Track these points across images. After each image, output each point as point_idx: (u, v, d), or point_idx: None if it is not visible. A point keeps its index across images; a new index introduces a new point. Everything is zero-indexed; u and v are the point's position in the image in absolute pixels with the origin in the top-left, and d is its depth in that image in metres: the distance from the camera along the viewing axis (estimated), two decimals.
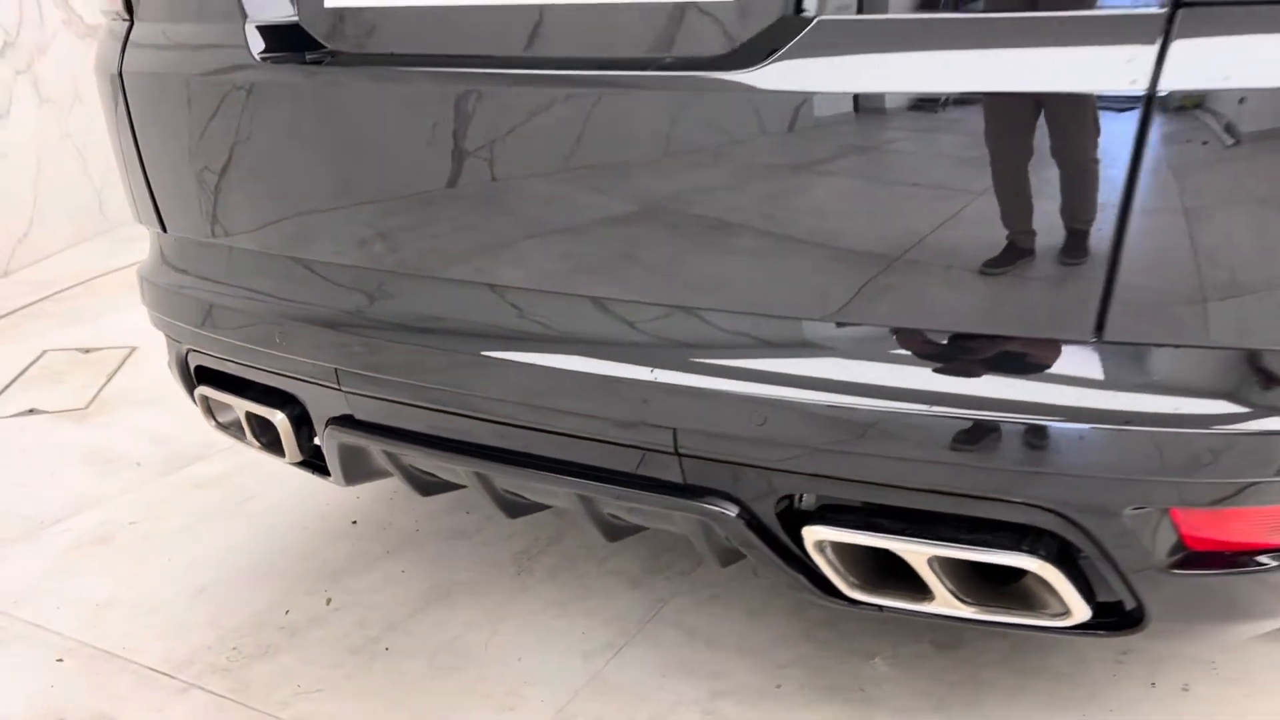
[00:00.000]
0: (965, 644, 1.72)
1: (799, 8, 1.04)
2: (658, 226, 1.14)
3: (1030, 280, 1.00)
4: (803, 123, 1.05)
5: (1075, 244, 0.98)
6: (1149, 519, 1.07)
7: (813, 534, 1.16)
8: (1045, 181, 0.98)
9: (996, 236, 1.00)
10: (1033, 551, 1.09)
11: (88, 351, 3.21)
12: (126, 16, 1.53)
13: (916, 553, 1.12)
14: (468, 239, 1.25)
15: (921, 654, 1.71)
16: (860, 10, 1.02)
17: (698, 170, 1.11)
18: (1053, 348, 1.03)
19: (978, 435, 1.06)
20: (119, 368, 3.04)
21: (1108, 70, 0.94)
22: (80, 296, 3.77)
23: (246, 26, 1.36)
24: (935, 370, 1.07)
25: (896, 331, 1.08)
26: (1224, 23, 0.92)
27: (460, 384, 1.29)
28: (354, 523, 2.16)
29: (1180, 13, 0.92)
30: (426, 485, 1.51)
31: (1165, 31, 0.93)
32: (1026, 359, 1.04)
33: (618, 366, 1.18)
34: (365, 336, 1.34)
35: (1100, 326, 1.01)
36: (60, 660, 1.76)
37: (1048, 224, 0.99)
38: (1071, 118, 0.97)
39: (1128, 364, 1.02)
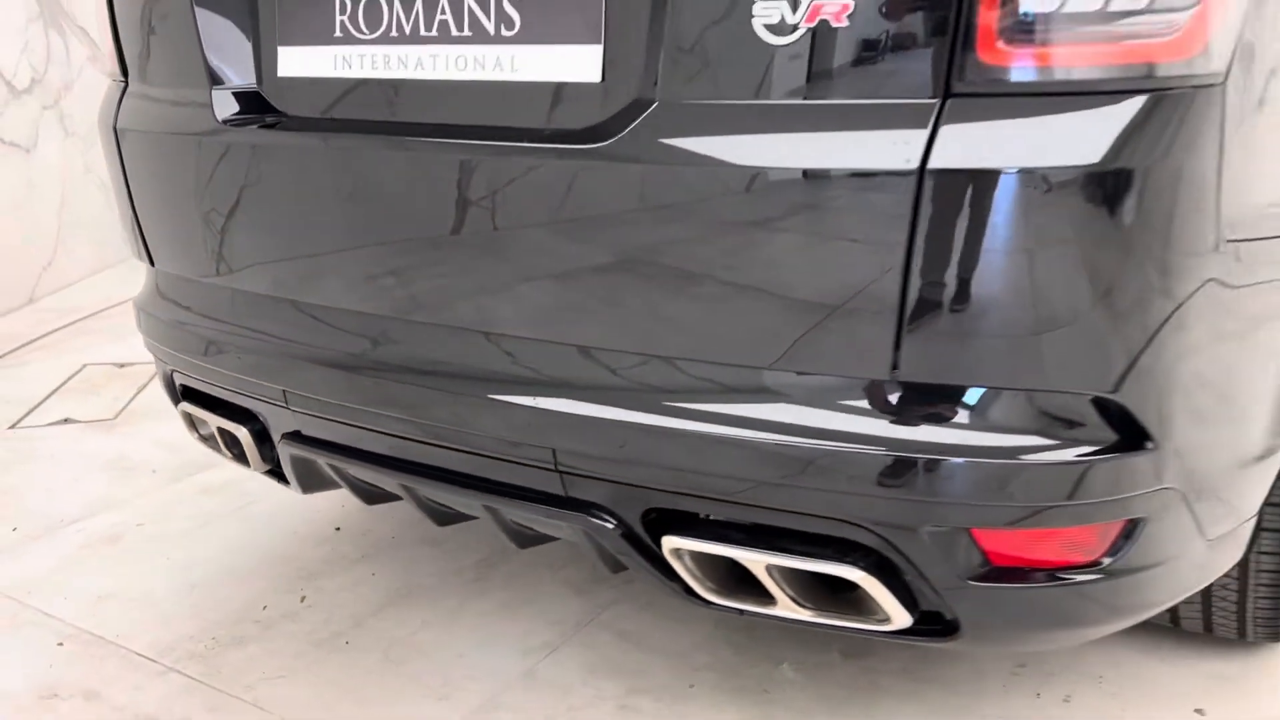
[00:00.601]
0: (871, 654, 1.86)
1: (646, 93, 1.22)
2: (532, 272, 1.32)
3: (833, 327, 1.16)
4: (648, 187, 1.22)
5: (868, 295, 1.14)
6: (950, 537, 1.21)
7: (669, 543, 1.32)
8: (838, 244, 1.14)
9: (806, 289, 1.17)
10: (853, 563, 1.24)
11: (123, 366, 3.47)
12: (121, 78, 1.75)
13: (755, 561, 1.28)
14: (387, 280, 1.44)
15: (828, 662, 1.85)
16: (692, 98, 1.19)
17: (569, 226, 1.29)
18: (855, 385, 1.19)
19: (797, 460, 1.22)
20: (148, 382, 3.29)
21: (888, 150, 1.10)
22: (121, 315, 4.04)
23: (214, 92, 1.57)
24: (762, 402, 1.23)
25: (727, 367, 1.24)
26: (986, 111, 1.08)
27: (383, 406, 1.48)
28: (337, 529, 2.36)
29: (949, 102, 1.08)
30: (369, 495, 1.70)
31: (936, 118, 1.09)
32: (835, 395, 1.20)
33: (504, 392, 1.36)
34: (306, 362, 1.54)
35: (895, 366, 1.16)
36: (60, 644, 1.98)
37: (844, 279, 1.15)
38: (860, 190, 1.13)
39: (920, 400, 1.17)
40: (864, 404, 1.18)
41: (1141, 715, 1.71)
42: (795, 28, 1.12)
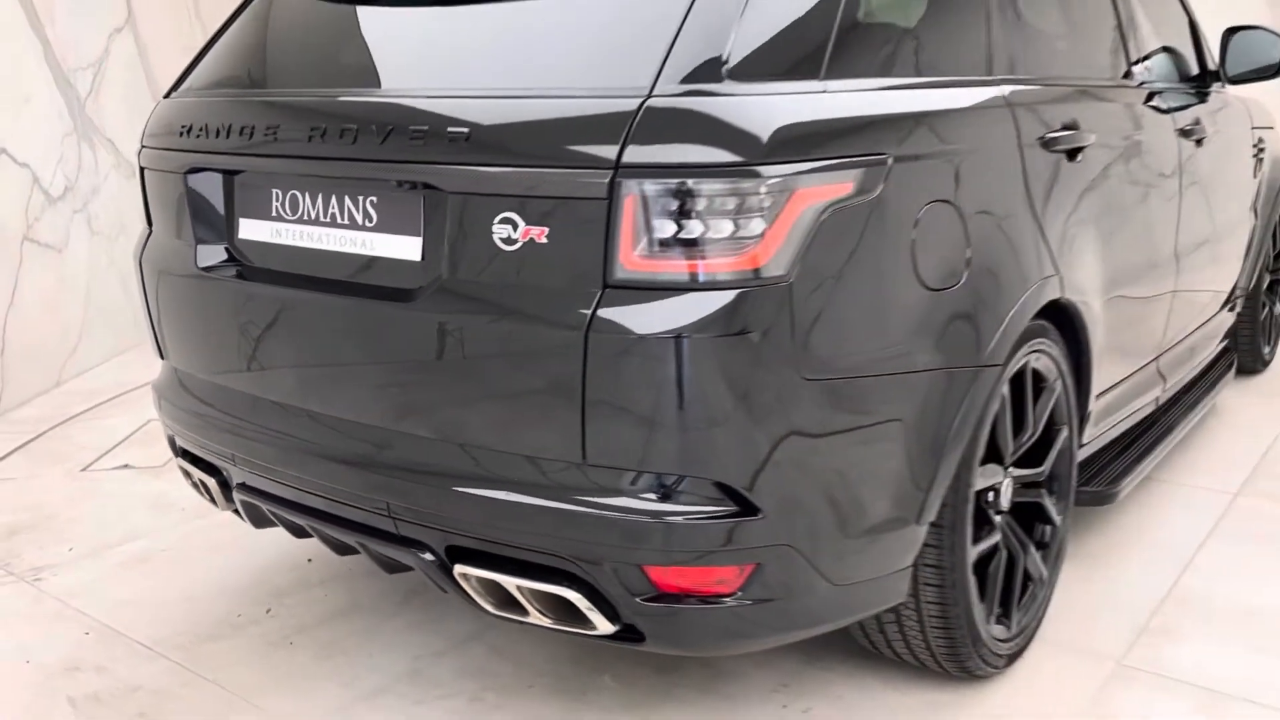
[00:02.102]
0: (677, 670, 2.43)
1: (443, 272, 1.87)
2: (377, 381, 1.97)
3: (545, 427, 1.79)
4: (444, 331, 1.87)
5: (563, 409, 1.76)
6: (627, 570, 1.81)
7: (458, 570, 1.94)
8: (547, 374, 1.77)
9: (531, 400, 1.79)
10: (568, 587, 1.85)
11: None
12: (148, 228, 2.48)
13: (509, 583, 1.90)
14: (291, 381, 2.11)
15: (642, 675, 2.43)
16: (465, 277, 1.84)
17: (400, 353, 1.94)
18: (562, 466, 1.80)
19: (529, 514, 1.83)
20: None
21: (570, 316, 1.73)
22: None
23: (198, 247, 2.28)
24: (509, 475, 1.85)
25: (488, 451, 1.87)
26: (627, 297, 1.71)
27: (291, 468, 2.15)
28: (309, 560, 3.02)
29: (605, 290, 1.71)
30: (295, 530, 2.35)
31: (598, 300, 1.71)
32: (550, 472, 1.82)
33: (358, 463, 2.01)
34: (245, 435, 2.22)
35: (584, 455, 1.78)
36: (87, 634, 2.67)
37: (551, 398, 1.77)
38: (555, 341, 1.76)
39: (601, 477, 1.78)
40: (568, 478, 1.79)
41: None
42: (516, 241, 1.77)
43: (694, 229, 1.69)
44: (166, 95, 2.48)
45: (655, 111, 1.70)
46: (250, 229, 2.22)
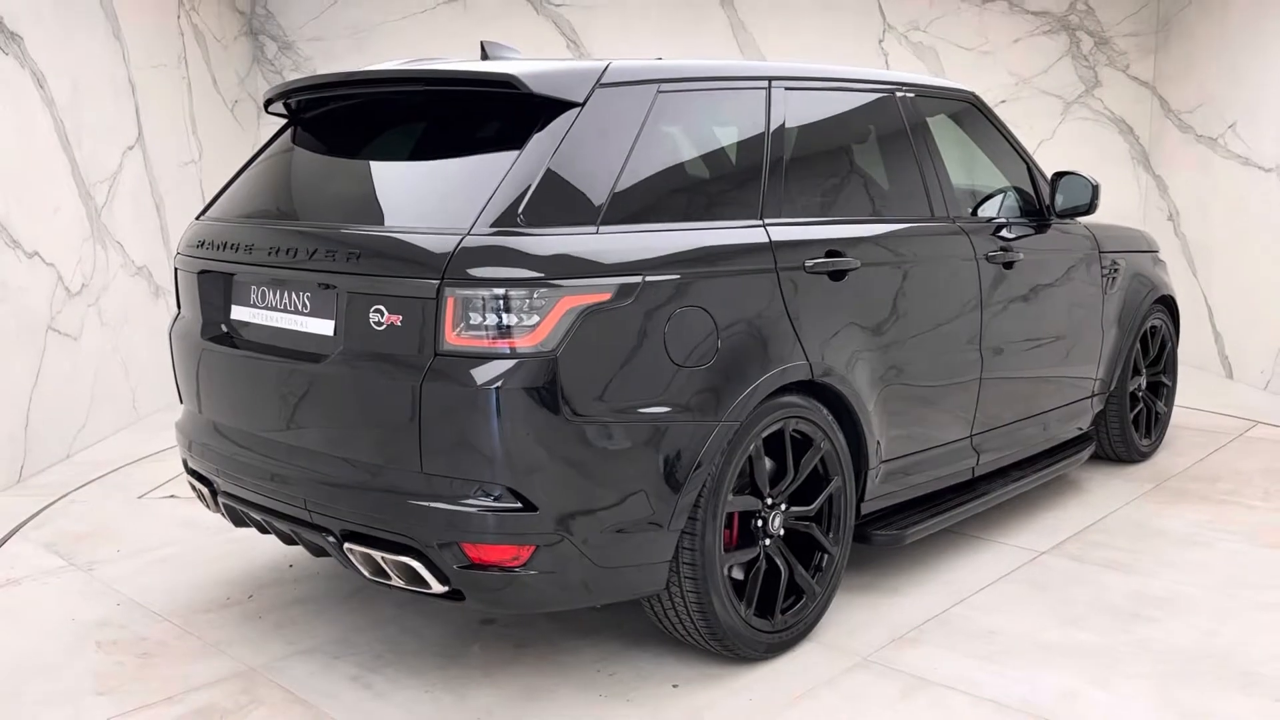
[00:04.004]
0: (528, 645, 3.28)
1: (344, 344, 2.82)
2: (302, 417, 2.92)
3: (396, 444, 2.70)
4: (351, 384, 2.81)
5: (406, 431, 2.68)
6: (448, 547, 2.69)
7: (346, 547, 2.85)
8: (398, 410, 2.69)
9: (390, 426, 2.71)
10: (412, 557, 2.74)
11: None
12: (179, 310, 3.51)
13: (376, 555, 2.79)
14: (252, 417, 3.07)
15: (503, 647, 3.29)
16: (355, 346, 2.79)
17: (321, 398, 2.88)
18: (409, 474, 2.71)
19: (389, 504, 2.74)
20: None
21: (410, 375, 2.67)
22: None
23: (203, 324, 3.28)
24: (379, 477, 2.77)
25: (367, 463, 2.79)
26: (451, 362, 2.63)
27: (251, 477, 3.09)
28: (290, 565, 3.97)
29: (435, 358, 2.64)
30: (262, 527, 3.27)
31: (429, 365, 2.65)
32: (404, 478, 2.72)
33: (288, 471, 2.95)
34: (222, 455, 3.18)
35: (421, 466, 2.69)
36: (118, 605, 3.64)
37: (398, 424, 2.69)
38: (401, 392, 2.68)
39: (434, 481, 2.68)
40: (412, 483, 2.69)
41: (731, 696, 3.06)
42: (383, 323, 2.71)
43: (491, 320, 2.62)
44: (197, 218, 3.52)
45: (470, 244, 2.64)
46: (238, 312, 3.22)
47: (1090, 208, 4.41)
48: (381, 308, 2.72)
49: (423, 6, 8.05)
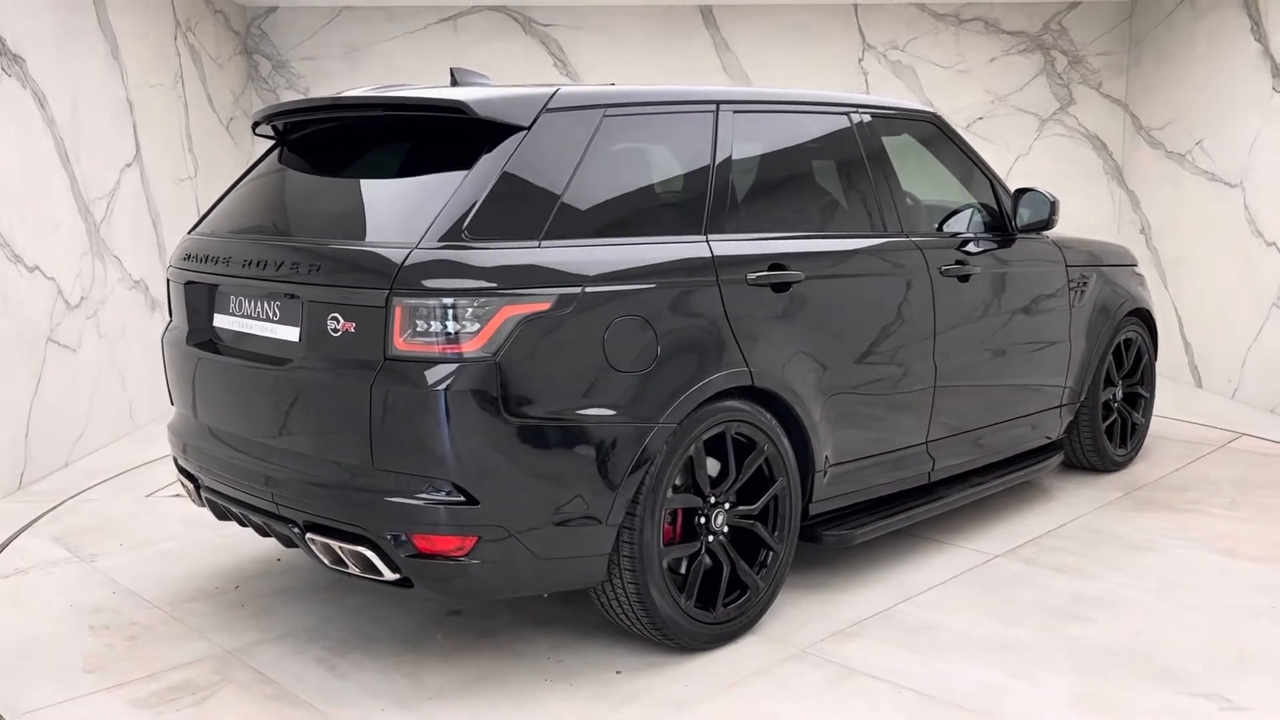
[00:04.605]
0: (490, 635, 3.50)
1: (306, 348, 3.06)
2: (270, 414, 3.15)
3: (348, 444, 2.93)
4: (313, 383, 3.04)
5: (357, 433, 2.90)
6: (398, 538, 2.91)
7: (308, 537, 3.08)
8: (356, 410, 2.92)
9: (348, 427, 2.95)
10: (366, 547, 2.96)
11: None
12: (170, 318, 3.77)
13: (334, 545, 3.02)
14: (228, 416, 3.32)
15: (467, 637, 3.51)
16: (315, 350, 3.02)
17: (289, 396, 3.12)
18: (364, 471, 2.93)
19: (345, 499, 2.96)
20: None
21: (363, 375, 2.90)
22: None
23: (189, 331, 3.54)
24: (337, 474, 3.00)
25: (325, 461, 3.02)
26: (399, 366, 2.86)
27: (228, 473, 3.34)
28: (278, 559, 4.21)
29: (385, 362, 2.87)
30: (241, 521, 3.52)
31: (380, 367, 2.88)
32: (357, 475, 2.95)
33: (256, 466, 3.19)
34: (204, 452, 3.43)
35: (373, 462, 2.91)
36: (113, 593, 3.90)
37: (355, 423, 2.92)
38: (355, 392, 2.92)
39: (385, 477, 2.90)
40: (365, 478, 2.92)
41: (592, 674, 3.27)
42: (339, 330, 2.94)
43: (436, 327, 2.84)
44: (188, 233, 3.78)
45: (417, 257, 2.87)
46: (220, 320, 3.47)
47: (1049, 223, 4.56)
48: (338, 315, 2.96)
49: (414, 27, 8.31)
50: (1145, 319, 5.57)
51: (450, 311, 2.84)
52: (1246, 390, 6.98)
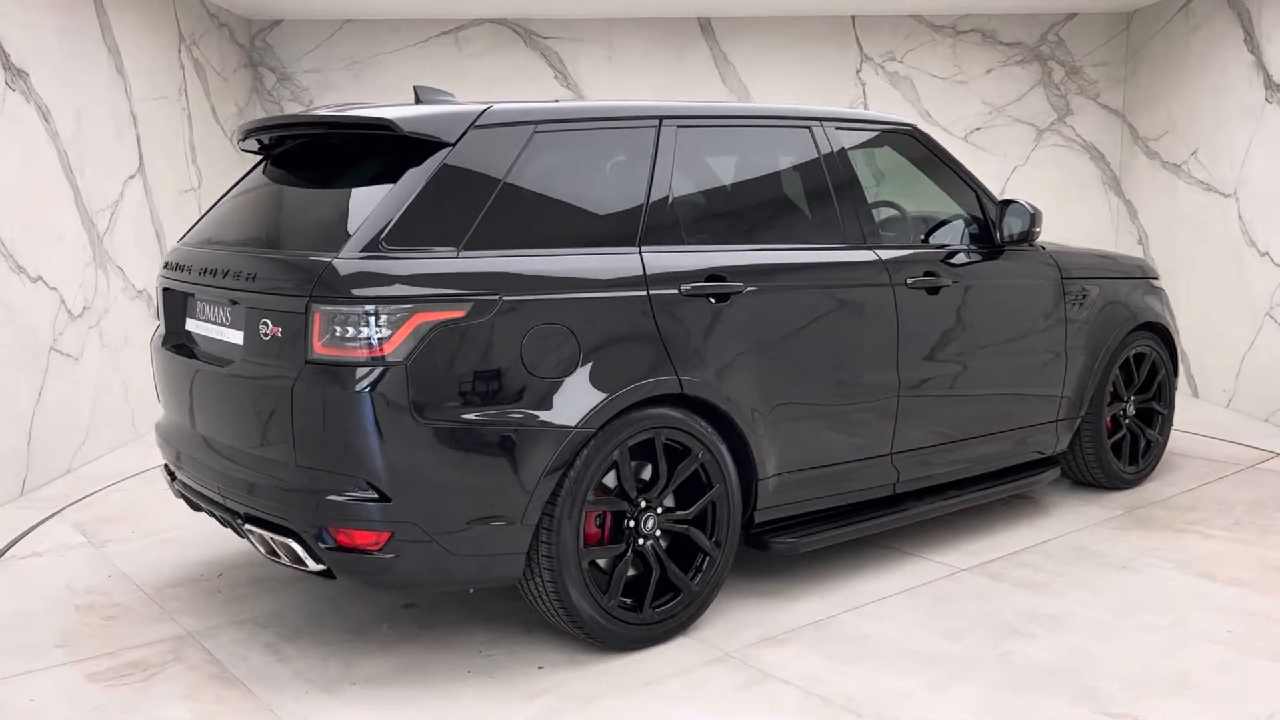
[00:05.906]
0: (434, 626, 3.66)
1: (245, 350, 3.27)
2: (221, 413, 3.38)
3: (280, 441, 3.12)
4: (250, 382, 3.25)
5: (280, 431, 3.10)
6: (319, 530, 3.09)
7: (246, 529, 3.29)
8: (274, 405, 3.12)
9: (276, 425, 3.14)
10: (294, 540, 3.15)
11: None
12: (160, 319, 4.05)
13: (266, 536, 3.21)
14: (191, 414, 3.56)
15: (410, 629, 3.67)
16: (252, 351, 3.23)
17: (237, 396, 3.34)
18: (289, 466, 3.12)
19: (276, 491, 3.16)
20: None
21: (283, 377, 3.09)
22: None
23: (165, 334, 3.80)
24: (274, 471, 3.20)
25: (261, 458, 3.22)
26: (319, 370, 3.05)
27: (190, 467, 3.58)
28: None
29: (305, 366, 3.06)
30: (209, 512, 3.77)
31: (300, 372, 3.06)
32: (287, 471, 3.14)
33: (211, 462, 3.42)
34: (176, 447, 3.68)
35: (296, 459, 3.10)
36: (109, 576, 4.19)
37: (279, 423, 3.11)
38: (278, 392, 3.11)
39: (308, 473, 3.08)
40: (289, 475, 3.10)
41: (515, 668, 3.39)
42: (269, 334, 3.14)
43: (351, 332, 3.02)
44: (179, 241, 4.06)
45: (335, 266, 3.05)
46: (191, 325, 3.72)
47: (1029, 234, 4.51)
48: (268, 320, 3.16)
49: (417, 39, 8.48)
50: (1160, 333, 5.42)
51: (363, 318, 3.01)
52: (1241, 399, 7.01)
